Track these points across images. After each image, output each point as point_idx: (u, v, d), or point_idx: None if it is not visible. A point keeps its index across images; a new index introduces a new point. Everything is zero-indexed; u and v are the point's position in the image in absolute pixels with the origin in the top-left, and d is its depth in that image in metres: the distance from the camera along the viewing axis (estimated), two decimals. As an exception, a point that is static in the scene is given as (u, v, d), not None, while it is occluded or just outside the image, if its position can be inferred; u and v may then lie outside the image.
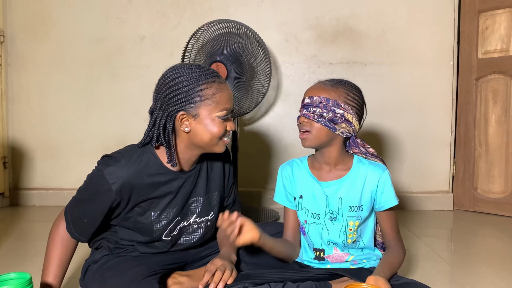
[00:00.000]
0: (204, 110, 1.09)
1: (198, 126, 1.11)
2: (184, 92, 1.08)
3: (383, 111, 2.56)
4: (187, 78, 1.09)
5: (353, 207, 1.19)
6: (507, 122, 2.37)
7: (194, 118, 1.10)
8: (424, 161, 2.60)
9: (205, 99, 1.09)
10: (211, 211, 1.27)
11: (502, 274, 1.53)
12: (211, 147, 1.14)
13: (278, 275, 1.14)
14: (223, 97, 1.11)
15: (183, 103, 1.08)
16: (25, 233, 2.14)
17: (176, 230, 1.21)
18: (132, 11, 2.62)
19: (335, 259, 1.22)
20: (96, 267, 1.19)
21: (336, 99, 1.15)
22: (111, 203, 1.10)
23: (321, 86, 1.19)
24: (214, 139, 1.12)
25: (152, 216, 1.16)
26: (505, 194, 2.40)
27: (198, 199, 1.24)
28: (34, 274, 1.51)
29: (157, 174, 1.14)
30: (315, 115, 1.14)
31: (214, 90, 1.10)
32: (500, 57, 2.38)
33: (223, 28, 2.04)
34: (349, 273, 1.16)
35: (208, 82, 1.10)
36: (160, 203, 1.16)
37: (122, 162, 1.10)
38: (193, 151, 1.16)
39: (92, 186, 1.12)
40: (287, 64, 2.60)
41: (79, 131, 2.67)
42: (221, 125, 1.12)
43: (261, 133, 2.63)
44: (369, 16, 2.55)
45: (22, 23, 2.67)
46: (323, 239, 1.21)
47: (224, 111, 1.11)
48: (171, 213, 1.18)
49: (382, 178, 1.18)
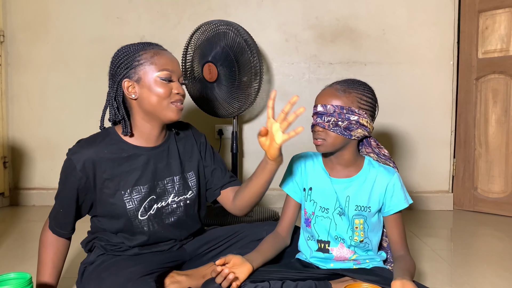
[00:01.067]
0: (144, 74, 1.14)
1: (143, 90, 1.14)
2: (124, 61, 1.15)
3: (383, 111, 2.54)
4: (126, 50, 1.17)
5: (359, 207, 1.19)
6: (507, 122, 2.37)
7: (138, 82, 1.14)
8: (424, 161, 2.60)
9: (143, 62, 1.14)
10: (189, 190, 1.27)
11: (502, 274, 1.53)
12: (162, 112, 1.15)
13: (277, 274, 1.14)
14: (161, 59, 1.14)
15: (124, 71, 1.15)
16: (25, 233, 2.14)
17: (153, 209, 1.20)
18: (132, 11, 2.62)
19: (339, 253, 1.21)
20: (92, 268, 1.19)
21: (350, 106, 1.14)
22: (78, 183, 1.14)
23: (333, 92, 1.16)
24: (161, 102, 1.14)
25: (122, 196, 1.16)
26: (505, 194, 2.40)
27: (173, 179, 1.24)
28: (34, 274, 1.50)
29: (118, 149, 1.17)
30: (330, 124, 1.13)
31: (151, 54, 1.14)
32: (500, 57, 2.38)
33: (214, 28, 2.03)
34: (350, 272, 1.16)
35: (145, 49, 1.16)
36: (128, 180, 1.17)
37: (82, 143, 1.18)
38: (151, 123, 1.18)
39: (62, 173, 1.18)
40: (287, 64, 2.60)
41: (79, 131, 2.64)
42: (165, 86, 1.14)
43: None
44: (369, 16, 2.55)
45: (22, 23, 2.67)
46: (331, 233, 1.21)
47: (165, 71, 1.13)
48: (142, 190, 1.18)
49: (391, 182, 1.19)
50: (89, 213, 1.24)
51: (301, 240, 1.29)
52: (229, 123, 2.58)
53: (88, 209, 1.21)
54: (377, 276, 1.14)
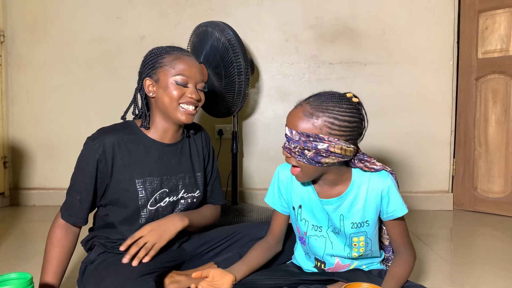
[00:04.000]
0: (163, 75, 1.21)
1: (159, 90, 1.22)
2: (150, 61, 1.24)
3: (383, 111, 2.56)
4: (154, 51, 1.26)
5: (355, 224, 1.12)
6: (507, 122, 2.38)
7: (156, 82, 1.23)
8: (424, 161, 2.60)
9: (164, 65, 1.22)
10: (197, 189, 1.33)
11: (502, 274, 1.53)
12: (173, 113, 1.22)
13: (271, 281, 1.11)
14: (180, 63, 1.21)
15: (148, 70, 1.24)
16: (25, 233, 2.14)
17: (164, 201, 1.26)
18: (132, 11, 2.62)
19: (336, 270, 1.18)
20: (93, 266, 1.20)
21: (318, 133, 0.99)
22: (97, 167, 1.18)
23: (300, 115, 1.01)
24: (172, 103, 1.21)
25: (136, 183, 1.21)
26: (504, 194, 2.40)
27: (184, 176, 1.30)
28: (34, 274, 1.51)
29: (136, 139, 1.24)
30: (295, 152, 1.02)
31: (173, 58, 1.22)
32: (500, 57, 2.38)
33: (203, 29, 2.02)
34: (344, 277, 1.12)
35: (169, 52, 1.24)
36: (142, 170, 1.23)
37: (104, 129, 1.24)
38: (166, 121, 1.25)
39: (82, 158, 1.21)
40: (287, 64, 2.60)
41: (79, 131, 2.65)
42: (179, 89, 1.21)
43: (261, 133, 2.63)
44: (369, 16, 2.55)
45: (22, 23, 2.67)
46: (327, 252, 1.15)
47: (180, 76, 1.20)
48: (154, 181, 1.24)
49: (385, 188, 1.09)
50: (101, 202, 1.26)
51: (299, 250, 1.26)
52: (229, 123, 2.58)
53: (101, 196, 1.24)
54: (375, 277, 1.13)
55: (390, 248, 1.24)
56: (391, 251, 1.23)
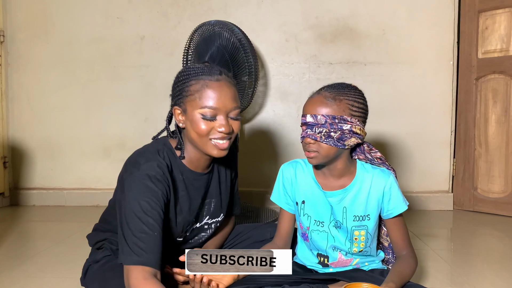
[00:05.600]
0: (189, 106, 1.07)
1: (187, 122, 1.09)
2: (178, 86, 1.10)
3: (383, 111, 2.56)
4: (183, 74, 1.10)
5: (358, 217, 1.15)
6: (507, 122, 2.38)
7: (184, 113, 1.09)
8: (424, 161, 2.60)
9: (190, 95, 1.06)
10: (222, 212, 1.27)
11: (502, 274, 1.53)
12: (203, 147, 1.09)
13: (272, 279, 1.12)
14: (206, 94, 1.05)
15: (176, 98, 1.10)
16: (25, 233, 2.14)
17: (189, 231, 1.21)
18: (132, 11, 2.62)
19: (339, 265, 1.20)
20: (97, 267, 1.19)
21: (342, 114, 1.06)
22: (166, 192, 1.04)
23: (322, 100, 1.08)
24: (201, 138, 1.07)
25: (178, 219, 1.14)
26: (505, 194, 2.40)
27: (211, 201, 1.23)
28: (33, 273, 1.51)
29: (178, 169, 1.13)
30: (322, 136, 1.06)
31: (199, 86, 1.06)
32: (500, 57, 2.38)
33: (210, 29, 2.02)
34: (346, 276, 1.14)
35: (198, 78, 1.07)
36: (182, 204, 1.14)
37: (151, 156, 1.07)
38: (198, 152, 1.13)
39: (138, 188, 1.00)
40: (287, 64, 2.60)
41: (79, 131, 2.67)
42: (206, 123, 1.05)
43: (261, 132, 2.63)
44: (369, 16, 2.55)
45: (22, 23, 2.67)
46: (329, 245, 1.18)
47: (206, 109, 1.04)
48: (188, 214, 1.16)
49: (388, 185, 1.14)
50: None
51: (301, 248, 1.27)
52: (229, 123, 2.58)
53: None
54: (375, 278, 1.13)
55: (390, 251, 1.26)
56: (391, 253, 1.24)
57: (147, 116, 2.60)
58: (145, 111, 2.62)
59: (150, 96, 2.63)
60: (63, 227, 2.19)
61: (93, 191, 2.67)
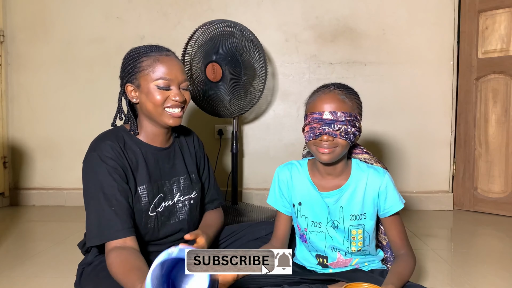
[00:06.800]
0: (143, 80, 1.16)
1: (141, 96, 1.18)
2: (128, 65, 1.19)
3: (383, 111, 2.56)
4: (131, 54, 1.20)
5: (354, 216, 1.16)
6: (507, 122, 2.37)
7: (138, 88, 1.18)
8: (424, 161, 2.60)
9: (143, 70, 1.16)
10: (193, 190, 1.31)
11: (502, 274, 1.53)
12: (158, 117, 1.18)
13: (272, 279, 1.12)
14: (161, 66, 1.15)
15: (128, 76, 1.19)
16: (25, 233, 2.14)
17: (161, 206, 1.23)
18: (132, 11, 2.62)
19: (339, 265, 1.20)
20: (91, 268, 1.19)
21: (354, 112, 1.11)
22: (120, 167, 1.13)
23: (338, 98, 1.11)
24: (156, 108, 1.16)
25: (139, 190, 1.18)
26: (505, 194, 2.40)
27: (178, 179, 1.28)
28: (33, 273, 1.51)
29: (134, 143, 1.21)
30: (341, 133, 1.08)
31: (151, 61, 1.16)
32: (500, 57, 2.38)
33: (219, 28, 2.04)
34: (346, 277, 1.14)
35: (148, 55, 1.17)
36: (142, 176, 1.20)
37: (102, 138, 1.18)
38: (154, 125, 1.22)
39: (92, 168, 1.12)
40: (287, 64, 2.60)
41: (79, 131, 2.67)
42: (162, 93, 1.16)
43: (261, 133, 2.63)
44: (369, 16, 2.55)
45: (22, 23, 2.67)
46: (328, 246, 1.19)
47: (161, 80, 1.15)
48: (152, 187, 1.21)
49: (383, 184, 1.15)
50: None
51: (300, 249, 1.27)
52: (229, 123, 2.58)
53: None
54: (375, 278, 1.13)
55: (388, 250, 1.26)
56: (390, 251, 1.24)
57: (147, 116, 2.60)
58: (145, 111, 2.61)
59: (150, 96, 2.62)
60: (63, 227, 2.19)
61: (93, 191, 2.66)
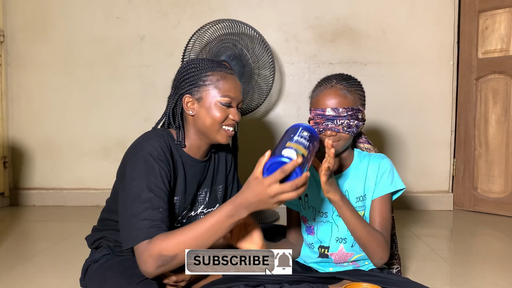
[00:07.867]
0: (207, 94, 1.15)
1: (201, 110, 1.15)
2: (191, 77, 1.16)
3: (383, 110, 2.56)
4: (196, 66, 1.17)
5: (359, 198, 1.20)
6: (507, 122, 2.38)
7: (198, 101, 1.15)
8: (424, 161, 2.60)
9: (209, 84, 1.15)
10: (217, 203, 1.30)
11: (502, 274, 1.53)
12: (213, 134, 1.16)
13: (273, 277, 1.12)
14: (226, 84, 1.15)
15: (189, 87, 1.16)
16: (25, 233, 2.14)
17: (184, 218, 1.23)
18: (132, 11, 2.62)
19: (339, 257, 1.21)
20: (96, 266, 1.19)
21: (356, 105, 1.15)
22: (168, 171, 1.09)
23: (340, 93, 1.14)
24: (215, 125, 1.15)
25: (174, 200, 1.17)
26: (505, 194, 2.40)
27: (206, 190, 1.27)
28: (33, 273, 1.51)
29: (177, 153, 1.18)
30: (344, 127, 1.13)
31: (218, 77, 1.15)
32: (500, 57, 2.38)
33: (226, 27, 2.04)
34: (347, 274, 1.15)
35: (214, 70, 1.16)
36: (180, 187, 1.18)
37: (155, 140, 1.12)
38: (202, 140, 1.20)
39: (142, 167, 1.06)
40: (287, 64, 2.60)
41: (79, 131, 2.67)
42: (223, 111, 1.15)
43: (261, 132, 2.63)
44: (369, 16, 2.55)
45: (22, 23, 2.67)
46: (333, 236, 1.21)
47: (226, 98, 1.14)
48: (185, 200, 1.20)
49: (382, 166, 1.20)
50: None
51: (306, 245, 1.28)
52: (229, 123, 2.58)
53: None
54: (375, 277, 1.13)
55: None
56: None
57: (147, 116, 2.60)
58: (145, 111, 2.62)
59: (150, 96, 2.63)
60: (63, 227, 2.19)
61: (93, 191, 2.67)
